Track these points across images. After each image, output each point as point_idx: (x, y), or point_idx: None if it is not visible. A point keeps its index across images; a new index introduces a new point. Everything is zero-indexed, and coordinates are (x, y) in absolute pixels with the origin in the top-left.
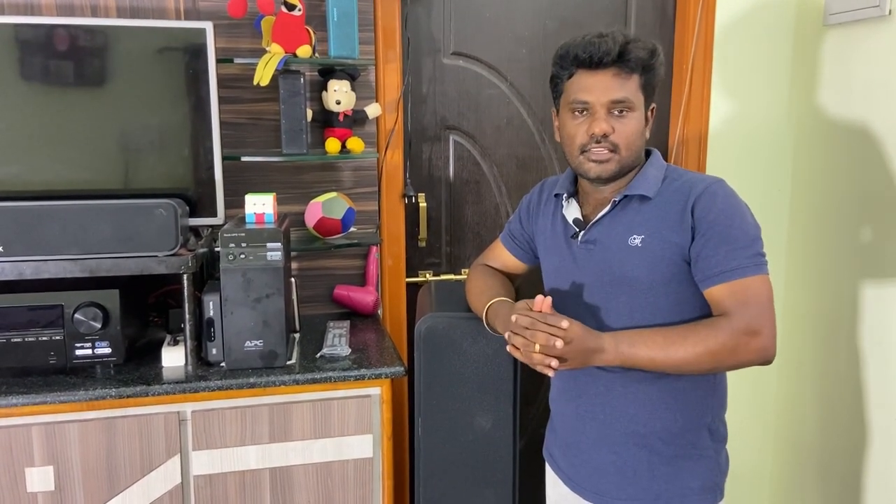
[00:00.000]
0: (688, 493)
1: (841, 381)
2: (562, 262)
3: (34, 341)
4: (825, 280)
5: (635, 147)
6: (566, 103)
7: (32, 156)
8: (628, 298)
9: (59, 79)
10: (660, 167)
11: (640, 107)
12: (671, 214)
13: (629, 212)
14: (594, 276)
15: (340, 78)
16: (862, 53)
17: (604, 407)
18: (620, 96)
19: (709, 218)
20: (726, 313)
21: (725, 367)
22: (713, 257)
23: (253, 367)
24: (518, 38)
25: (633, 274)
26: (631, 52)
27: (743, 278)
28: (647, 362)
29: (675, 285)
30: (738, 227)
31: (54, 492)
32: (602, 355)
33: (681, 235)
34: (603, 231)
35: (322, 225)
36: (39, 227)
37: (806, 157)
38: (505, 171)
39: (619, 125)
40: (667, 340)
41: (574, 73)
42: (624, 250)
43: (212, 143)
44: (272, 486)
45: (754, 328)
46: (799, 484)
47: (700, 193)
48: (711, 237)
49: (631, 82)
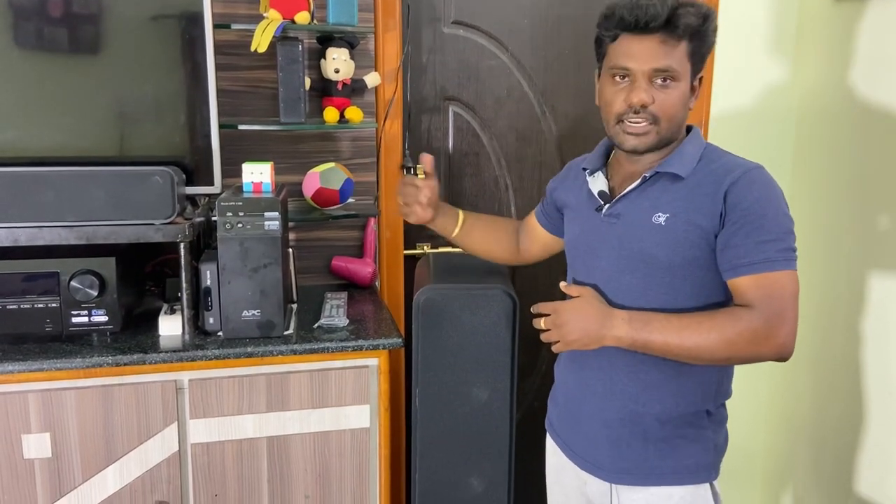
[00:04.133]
0: (681, 470)
1: (837, 361)
2: (582, 232)
3: (30, 308)
4: (825, 261)
5: (677, 119)
6: (607, 67)
7: (28, 122)
8: (644, 276)
9: (54, 45)
10: (698, 145)
11: (685, 76)
12: (702, 197)
13: (658, 189)
14: (612, 249)
15: (339, 46)
16: (871, 29)
17: (605, 382)
18: (664, 64)
19: (742, 206)
20: (749, 305)
21: (741, 359)
22: (742, 247)
23: (250, 337)
24: (519, 7)
25: (652, 252)
26: (681, 17)
27: (770, 272)
28: (661, 345)
29: (693, 269)
30: (772, 219)
31: (51, 458)
32: (614, 332)
33: (709, 220)
34: (629, 206)
35: (320, 195)
36: (35, 193)
37: (809, 137)
38: (504, 144)
39: (660, 96)
40: (682, 324)
41: (618, 36)
42: (646, 227)
43: (208, 111)
44: (269, 454)
45: (775, 323)
46: (791, 460)
47: (736, 179)
48: (743, 226)
49: (678, 50)
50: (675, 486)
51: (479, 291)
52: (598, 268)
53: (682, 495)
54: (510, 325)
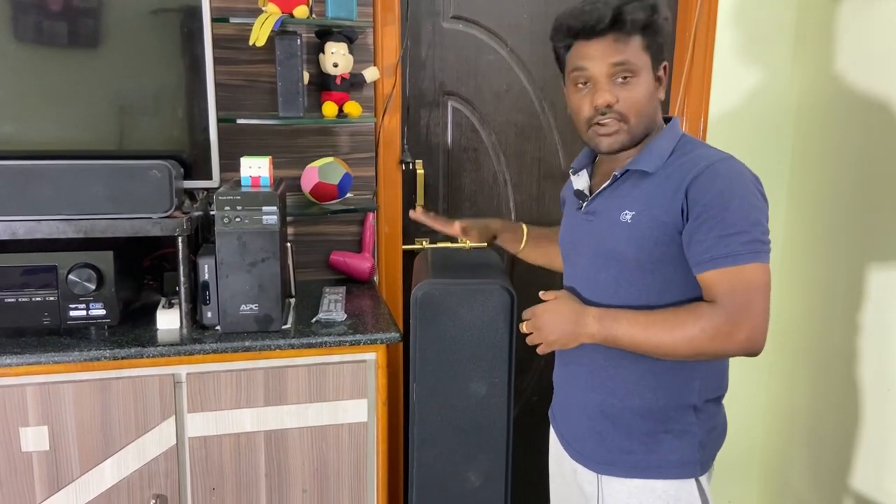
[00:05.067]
0: (665, 465)
1: (835, 356)
2: (566, 231)
3: (28, 302)
4: (824, 256)
5: (646, 113)
6: (569, 74)
7: (26, 116)
8: (616, 273)
9: (52, 38)
10: (672, 138)
11: (645, 69)
12: (665, 192)
13: (628, 186)
14: (589, 247)
15: (338, 40)
16: (868, 24)
17: (586, 377)
18: (619, 59)
19: (704, 200)
20: (713, 300)
21: (707, 355)
22: (705, 241)
23: (248, 331)
24: (518, 2)
25: (620, 249)
26: (626, 13)
27: (734, 266)
28: (629, 341)
29: (662, 265)
30: (736, 211)
31: (49, 451)
32: (587, 329)
33: (671, 215)
34: (602, 204)
35: (318, 190)
36: (33, 186)
37: (807, 133)
38: (504, 139)
39: (623, 93)
40: (649, 320)
41: (572, 45)
42: (616, 225)
43: (207, 105)
44: (267, 448)
45: (737, 318)
46: (788, 454)
47: (699, 173)
48: (706, 220)
49: (632, 45)
50: (659, 479)
51: (477, 286)
52: (579, 265)
53: (666, 489)
54: (508, 319)
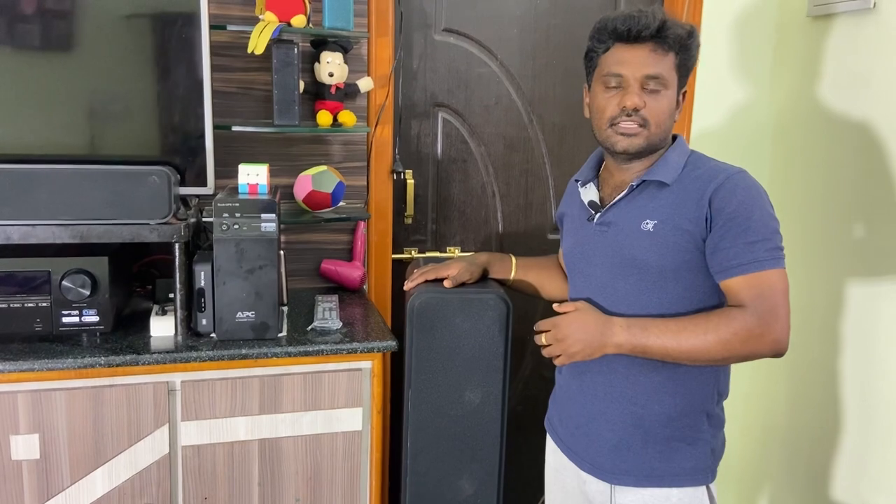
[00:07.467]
0: (680, 473)
1: (812, 365)
2: (576, 242)
3: (20, 307)
4: (801, 267)
5: (665, 126)
6: (599, 76)
7: (21, 120)
8: (637, 282)
9: (47, 42)
10: (682, 153)
11: (673, 86)
12: (687, 203)
13: (645, 196)
14: (605, 258)
15: (333, 50)
16: (845, 46)
17: (605, 387)
18: (655, 71)
19: (727, 210)
20: (742, 305)
21: (737, 358)
22: (731, 249)
23: (244, 339)
24: (510, 17)
25: (643, 258)
26: (669, 28)
27: (760, 271)
28: (659, 349)
29: (684, 273)
30: (758, 220)
31: (39, 460)
32: (614, 339)
33: (695, 224)
34: (618, 214)
35: (312, 198)
36: (28, 191)
37: (784, 150)
38: (492, 151)
39: (651, 101)
40: (679, 326)
41: (611, 47)
42: (636, 234)
43: (203, 112)
44: (261, 457)
45: (768, 320)
46: (766, 462)
47: (720, 184)
48: (730, 229)
49: (667, 60)
50: (673, 487)
51: (475, 296)
52: (593, 276)
53: (680, 497)
54: (503, 329)
